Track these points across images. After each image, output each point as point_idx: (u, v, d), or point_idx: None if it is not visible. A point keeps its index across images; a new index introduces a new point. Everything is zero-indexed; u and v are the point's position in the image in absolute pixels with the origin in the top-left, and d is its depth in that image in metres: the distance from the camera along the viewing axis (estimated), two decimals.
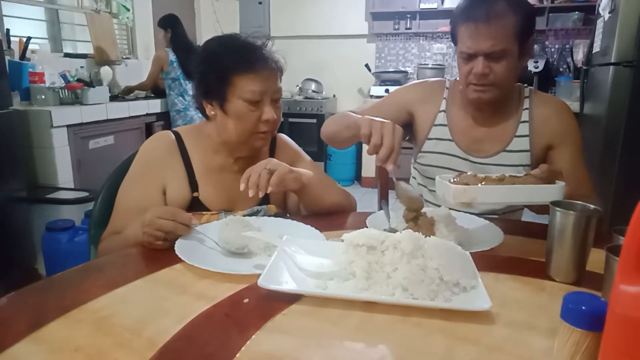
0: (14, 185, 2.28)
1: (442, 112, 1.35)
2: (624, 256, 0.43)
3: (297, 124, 4.73)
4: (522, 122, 1.28)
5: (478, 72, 1.17)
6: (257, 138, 1.11)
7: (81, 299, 0.71)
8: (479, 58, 1.16)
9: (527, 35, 1.18)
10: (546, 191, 0.88)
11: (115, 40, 3.73)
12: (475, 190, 0.89)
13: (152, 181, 1.11)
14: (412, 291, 0.70)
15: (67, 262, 1.18)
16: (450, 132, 1.33)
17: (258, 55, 1.06)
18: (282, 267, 0.78)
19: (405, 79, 4.56)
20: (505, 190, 0.90)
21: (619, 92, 2.27)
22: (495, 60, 1.16)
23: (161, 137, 1.16)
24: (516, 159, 1.27)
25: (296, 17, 4.91)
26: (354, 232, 0.80)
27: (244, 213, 1.13)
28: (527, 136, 1.27)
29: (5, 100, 2.21)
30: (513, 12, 1.14)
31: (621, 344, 0.43)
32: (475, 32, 1.14)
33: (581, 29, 4.02)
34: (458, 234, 0.95)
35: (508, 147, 1.28)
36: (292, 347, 0.61)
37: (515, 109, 1.30)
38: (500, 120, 1.30)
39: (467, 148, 1.31)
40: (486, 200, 0.91)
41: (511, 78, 1.21)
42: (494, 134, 1.30)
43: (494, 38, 1.13)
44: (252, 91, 1.05)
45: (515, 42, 1.15)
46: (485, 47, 1.14)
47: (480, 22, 1.13)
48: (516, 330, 0.65)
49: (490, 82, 1.18)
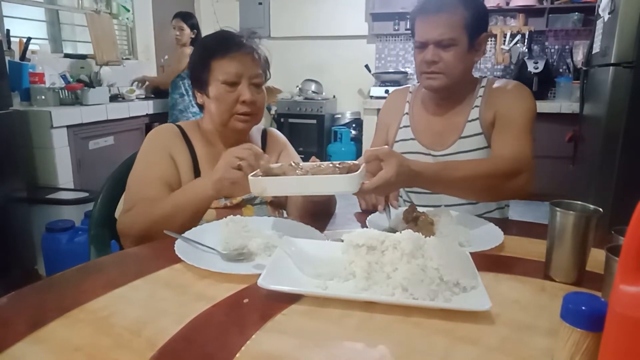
0: (14, 185, 2.28)
1: (405, 115, 1.42)
2: (623, 256, 0.43)
3: (297, 125, 4.73)
4: (473, 108, 1.31)
5: (428, 59, 1.23)
6: (237, 119, 1.15)
7: (81, 299, 0.71)
8: (429, 46, 1.23)
9: (477, 30, 1.24)
10: (337, 181, 0.86)
11: (115, 41, 3.73)
12: (266, 181, 0.88)
13: (167, 159, 1.15)
14: (412, 291, 0.70)
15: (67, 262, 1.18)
16: (413, 131, 1.39)
17: (235, 41, 1.15)
18: (282, 267, 0.78)
19: (405, 79, 4.56)
20: (296, 181, 0.88)
21: (618, 92, 2.28)
22: (444, 49, 1.23)
23: (166, 128, 1.22)
24: (471, 143, 1.29)
25: (296, 17, 4.91)
26: (354, 232, 0.80)
27: (242, 198, 1.17)
28: (477, 119, 1.30)
29: (5, 101, 2.21)
30: (463, 6, 1.21)
31: (621, 344, 0.43)
32: (427, 23, 1.23)
33: (581, 30, 4.02)
34: (458, 234, 0.95)
35: (462, 134, 1.31)
36: (292, 347, 0.61)
37: (470, 97, 1.34)
38: (455, 111, 1.34)
39: (428, 144, 1.35)
40: (276, 191, 0.92)
41: (461, 68, 1.26)
42: (450, 125, 1.33)
43: (442, 27, 1.21)
44: (227, 72, 1.12)
45: (464, 33, 1.22)
46: (435, 35, 1.22)
47: (431, 14, 1.23)
48: (516, 330, 0.65)
49: (439, 69, 1.24)
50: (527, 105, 1.25)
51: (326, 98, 4.81)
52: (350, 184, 0.85)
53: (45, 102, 2.71)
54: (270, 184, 0.88)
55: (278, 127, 4.77)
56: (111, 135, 3.00)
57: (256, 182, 0.88)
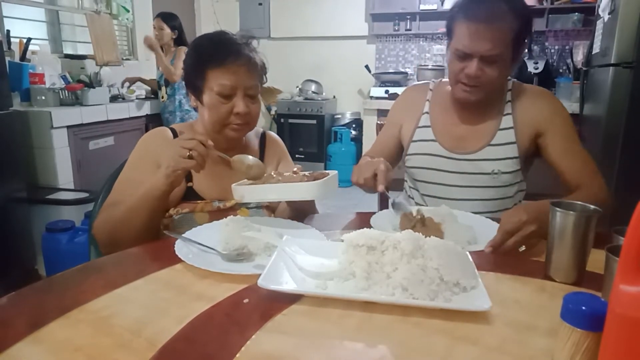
0: (14, 185, 2.28)
1: (425, 114, 1.36)
2: (624, 256, 0.43)
3: (297, 125, 4.73)
4: (505, 115, 1.28)
5: (471, 74, 1.16)
6: (230, 129, 1.15)
7: (81, 299, 0.71)
8: (474, 59, 1.15)
9: (522, 41, 1.18)
10: (301, 188, 0.94)
11: (115, 41, 3.73)
12: (244, 189, 0.99)
13: (152, 166, 1.13)
14: (412, 291, 0.70)
15: (67, 262, 1.18)
16: (434, 132, 1.33)
17: (231, 50, 1.12)
18: (282, 267, 0.78)
19: (405, 80, 4.56)
20: (266, 188, 0.97)
21: (618, 93, 2.27)
22: (488, 64, 1.15)
23: (158, 131, 1.21)
24: (502, 152, 1.27)
25: (296, 18, 4.91)
26: (354, 232, 0.80)
27: (236, 201, 1.16)
28: (512, 128, 1.26)
29: (5, 101, 2.21)
30: (514, 15, 1.12)
31: (621, 344, 0.43)
32: (475, 33, 1.12)
33: (581, 30, 4.02)
34: (465, 234, 0.96)
35: (493, 141, 1.27)
36: (292, 347, 0.61)
37: (499, 103, 1.30)
38: (483, 117, 1.30)
39: (450, 146, 1.31)
40: (252, 198, 1.03)
41: (501, 81, 1.23)
42: (477, 130, 1.30)
43: (492, 41, 1.12)
44: (222, 85, 1.10)
45: (510, 46, 1.15)
46: (484, 49, 1.13)
47: (482, 23, 1.12)
48: (516, 330, 0.65)
49: (479, 83, 1.18)
50: (569, 119, 1.25)
51: (326, 98, 4.81)
52: (309, 191, 0.94)
53: (45, 103, 2.71)
54: (247, 191, 0.99)
55: (278, 128, 4.78)
56: (111, 135, 3.01)
57: (236, 189, 0.99)
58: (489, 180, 1.29)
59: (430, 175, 1.34)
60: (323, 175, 0.99)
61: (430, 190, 1.35)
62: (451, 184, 1.31)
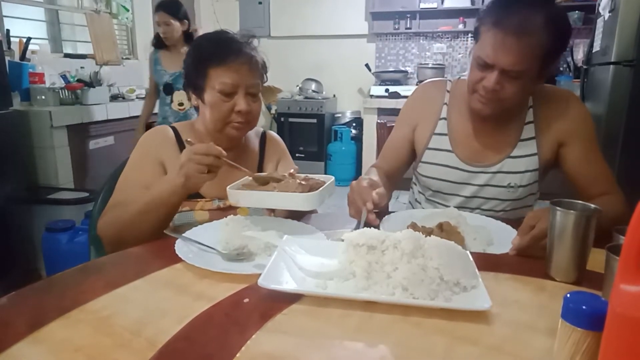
0: (14, 185, 2.28)
1: (442, 120, 1.27)
2: (624, 256, 0.43)
3: (297, 124, 4.73)
4: (527, 124, 1.20)
5: (488, 87, 1.07)
6: (231, 127, 1.15)
7: (81, 299, 0.71)
8: (495, 71, 1.05)
9: (553, 58, 1.07)
10: (297, 199, 0.95)
11: (115, 41, 3.73)
12: (240, 194, 0.99)
13: (154, 165, 1.14)
14: (412, 291, 0.70)
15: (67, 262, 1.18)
16: (450, 142, 1.25)
17: (233, 49, 1.12)
18: (282, 267, 0.78)
19: (405, 78, 4.56)
20: (264, 196, 0.98)
21: (618, 91, 2.27)
22: (509, 78, 1.06)
23: (159, 130, 1.21)
24: (522, 165, 1.20)
25: (296, 17, 4.91)
26: (354, 231, 0.80)
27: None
28: (534, 138, 1.19)
29: (5, 101, 2.21)
30: (547, 30, 1.01)
31: (621, 343, 0.43)
32: (501, 43, 1.02)
33: (581, 28, 4.01)
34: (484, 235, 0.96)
35: (513, 153, 1.20)
36: (292, 347, 0.61)
37: (520, 111, 1.21)
38: (504, 126, 1.21)
39: (467, 158, 1.24)
40: (247, 203, 1.02)
41: (520, 98, 1.12)
42: (497, 142, 1.22)
43: (518, 56, 1.02)
44: (224, 83, 1.10)
45: (537, 63, 1.05)
46: (506, 63, 1.03)
47: (509, 35, 1.01)
48: (516, 330, 0.65)
49: (496, 97, 1.09)
50: (593, 128, 1.18)
51: (326, 97, 4.80)
52: (305, 202, 0.94)
53: (45, 102, 2.70)
54: (243, 196, 0.99)
55: (278, 127, 4.77)
56: (111, 135, 3.00)
57: (232, 194, 0.99)
58: (504, 194, 1.23)
59: (443, 186, 1.28)
60: (318, 184, 0.99)
61: (439, 198, 1.31)
62: (463, 194, 1.26)
